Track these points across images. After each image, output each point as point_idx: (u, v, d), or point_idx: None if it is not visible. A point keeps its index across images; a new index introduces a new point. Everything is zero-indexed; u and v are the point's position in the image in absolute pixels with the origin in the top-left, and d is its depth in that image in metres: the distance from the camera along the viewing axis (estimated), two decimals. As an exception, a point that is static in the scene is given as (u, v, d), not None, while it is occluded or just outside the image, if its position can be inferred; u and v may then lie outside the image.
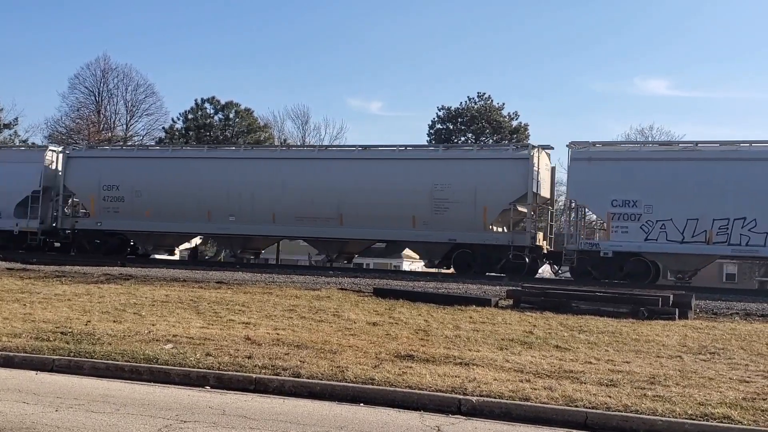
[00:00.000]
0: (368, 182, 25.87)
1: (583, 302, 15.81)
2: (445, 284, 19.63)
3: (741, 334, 13.34)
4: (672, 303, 15.54)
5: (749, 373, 10.37)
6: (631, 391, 9.17)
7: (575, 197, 24.70)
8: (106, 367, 10.42)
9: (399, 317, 14.43)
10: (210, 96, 62.16)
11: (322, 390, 9.41)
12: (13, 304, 15.46)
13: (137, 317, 14.02)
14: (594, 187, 23.37)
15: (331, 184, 26.28)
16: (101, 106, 60.48)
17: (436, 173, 25.14)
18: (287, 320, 13.93)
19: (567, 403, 8.69)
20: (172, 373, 10.11)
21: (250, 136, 59.59)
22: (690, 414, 8.27)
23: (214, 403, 8.81)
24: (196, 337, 12.04)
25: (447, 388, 9.17)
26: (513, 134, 62.50)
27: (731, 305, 16.79)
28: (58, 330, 12.41)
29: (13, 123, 58.42)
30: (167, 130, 60.96)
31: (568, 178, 25.32)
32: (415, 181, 25.27)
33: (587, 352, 11.61)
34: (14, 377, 10.02)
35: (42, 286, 18.16)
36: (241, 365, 10.20)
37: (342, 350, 11.20)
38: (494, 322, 14.05)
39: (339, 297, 16.89)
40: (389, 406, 8.93)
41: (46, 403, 8.56)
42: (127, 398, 8.93)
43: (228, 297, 16.57)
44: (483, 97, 65.88)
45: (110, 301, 15.85)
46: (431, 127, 65.98)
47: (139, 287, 18.13)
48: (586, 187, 23.72)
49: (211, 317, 14.17)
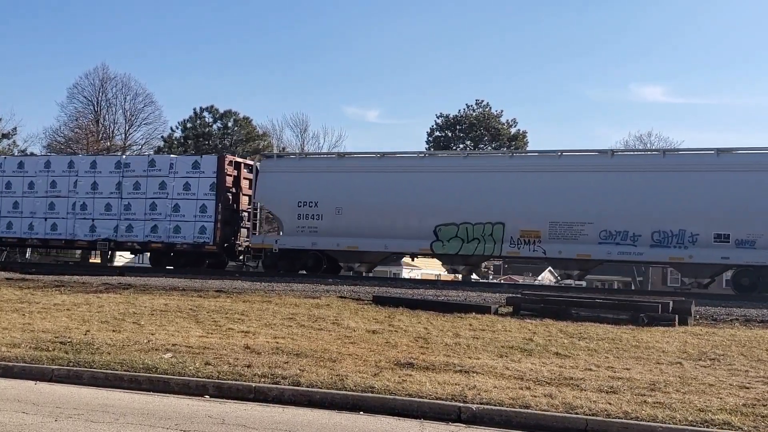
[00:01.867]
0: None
1: (582, 309, 15.79)
2: (444, 292, 19.62)
3: (741, 340, 13.33)
4: (672, 309, 15.53)
5: (749, 379, 10.36)
6: (631, 397, 9.16)
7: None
8: (106, 377, 10.41)
9: (399, 325, 14.41)
10: (208, 105, 62.38)
11: (321, 398, 9.39)
12: (12, 314, 15.44)
13: (136, 326, 14.01)
14: None
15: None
16: (100, 116, 60.44)
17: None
18: (286, 329, 13.92)
19: (567, 410, 8.68)
20: (171, 383, 10.10)
21: (249, 144, 59.65)
22: (690, 420, 8.26)
23: (213, 413, 8.80)
24: (196, 346, 12.03)
25: (447, 396, 9.16)
26: (511, 141, 62.58)
27: (731, 311, 16.77)
28: (57, 340, 12.39)
29: (11, 133, 58.38)
30: (166, 139, 61.02)
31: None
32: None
33: (587, 359, 11.60)
34: (13, 387, 10.01)
35: (41, 296, 18.14)
36: (240, 374, 10.19)
37: (341, 358, 11.19)
38: (494, 329, 14.04)
39: (338, 305, 16.87)
40: (389, 414, 8.92)
41: (45, 413, 8.55)
42: (126, 408, 8.91)
43: (227, 306, 16.55)
44: (481, 104, 66.01)
45: (109, 310, 15.83)
46: (430, 134, 66.07)
47: (138, 296, 18.11)
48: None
49: (210, 326, 14.15)
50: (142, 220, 27.29)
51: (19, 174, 29.15)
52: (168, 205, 26.93)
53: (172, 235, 26.80)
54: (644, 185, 22.68)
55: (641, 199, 22.51)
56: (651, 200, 22.41)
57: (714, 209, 21.86)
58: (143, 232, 27.29)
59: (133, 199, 27.42)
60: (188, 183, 26.69)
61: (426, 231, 24.30)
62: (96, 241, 28.09)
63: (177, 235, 26.71)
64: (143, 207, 27.25)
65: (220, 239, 26.44)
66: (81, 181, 28.19)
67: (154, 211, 27.10)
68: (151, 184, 27.18)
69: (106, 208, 27.75)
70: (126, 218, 27.47)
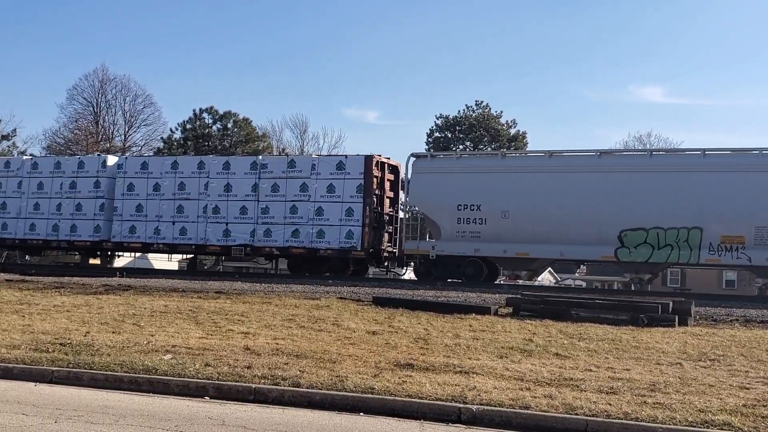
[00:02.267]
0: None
1: (582, 310, 15.80)
2: (444, 292, 19.61)
3: (741, 340, 13.33)
4: (671, 310, 15.53)
5: (749, 379, 10.36)
6: (631, 398, 9.17)
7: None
8: (105, 378, 10.41)
9: (398, 326, 14.41)
10: (208, 106, 62.37)
11: (321, 399, 9.39)
12: (12, 315, 15.44)
13: (136, 328, 14.01)
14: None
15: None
16: (99, 117, 60.57)
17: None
18: (286, 330, 13.92)
19: (567, 410, 8.68)
20: (171, 384, 10.09)
21: (248, 145, 59.68)
22: (690, 421, 8.26)
23: (213, 414, 8.80)
24: (195, 347, 12.03)
25: (447, 397, 9.16)
26: (511, 142, 62.60)
27: (731, 312, 16.77)
28: (57, 341, 12.39)
29: (11, 134, 58.49)
30: (165, 141, 61.06)
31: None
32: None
33: (587, 359, 11.60)
34: (13, 389, 10.01)
35: (41, 298, 18.14)
36: (240, 375, 10.19)
37: (341, 359, 11.19)
38: (494, 330, 14.04)
39: (338, 306, 16.87)
40: (389, 415, 8.92)
41: (45, 414, 8.55)
42: (126, 409, 8.91)
43: (227, 307, 16.56)
44: (481, 105, 66.07)
45: (109, 311, 15.83)
46: (429, 135, 66.11)
47: (138, 298, 18.11)
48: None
49: (210, 327, 14.15)
50: (281, 224, 25.83)
51: (143, 175, 27.75)
52: (310, 208, 25.48)
53: (315, 240, 25.37)
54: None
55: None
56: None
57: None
58: (283, 237, 25.80)
59: (271, 202, 25.98)
60: (332, 185, 25.25)
61: (608, 236, 22.53)
62: (230, 246, 26.50)
63: (320, 240, 25.32)
64: (282, 210, 25.84)
65: (367, 244, 25.02)
66: (213, 183, 26.82)
67: (294, 214, 25.70)
68: (291, 186, 25.78)
69: (242, 212, 26.33)
70: (264, 222, 26.05)
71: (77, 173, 28.73)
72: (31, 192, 29.25)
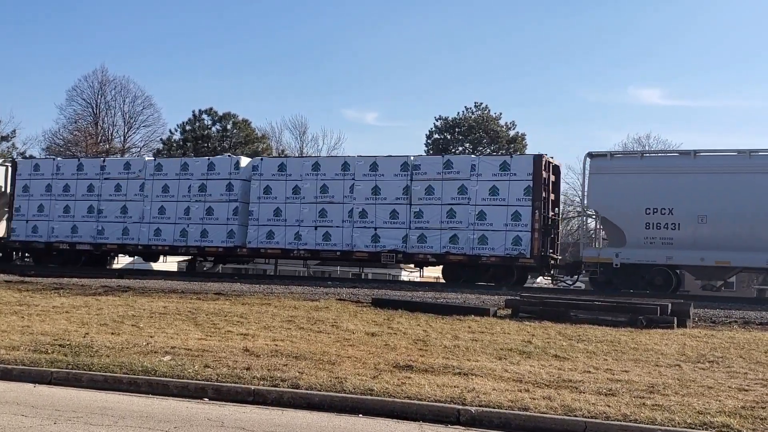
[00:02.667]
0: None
1: (581, 311, 15.81)
2: (443, 294, 19.63)
3: (740, 342, 13.35)
4: (670, 312, 15.55)
5: (748, 381, 10.37)
6: (630, 400, 9.17)
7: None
8: (105, 380, 10.41)
9: (398, 327, 14.42)
10: (208, 107, 62.31)
11: (320, 401, 9.40)
12: (11, 316, 15.44)
13: (135, 329, 14.01)
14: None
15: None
16: (99, 118, 60.56)
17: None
18: (286, 331, 13.93)
19: (566, 412, 8.69)
20: (170, 385, 10.10)
21: (248, 147, 59.68)
22: (689, 423, 8.27)
23: (212, 415, 8.80)
24: (195, 348, 12.03)
25: (446, 399, 9.17)
26: (510, 144, 62.62)
27: (730, 313, 16.80)
28: (56, 342, 12.39)
29: (10, 135, 58.47)
30: (165, 142, 61.06)
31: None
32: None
33: (586, 361, 11.61)
34: (12, 390, 10.00)
35: (40, 299, 18.15)
36: (239, 377, 10.20)
37: (341, 361, 11.19)
38: (493, 331, 14.05)
39: (337, 307, 16.89)
40: (388, 416, 8.93)
41: (44, 415, 8.55)
42: (125, 410, 8.92)
43: (226, 308, 16.56)
44: (480, 106, 66.06)
45: (108, 313, 15.83)
46: (429, 137, 66.10)
47: (137, 299, 18.12)
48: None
49: (209, 329, 14.15)
50: (437, 229, 24.21)
51: (281, 177, 26.26)
52: (470, 212, 23.83)
53: (476, 246, 23.68)
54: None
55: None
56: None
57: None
58: (439, 243, 24.18)
59: (425, 206, 24.41)
60: (495, 187, 23.57)
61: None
62: (380, 252, 24.89)
63: (483, 247, 23.61)
64: (438, 214, 24.22)
65: (537, 251, 23.28)
66: (358, 185, 25.23)
67: (452, 219, 24.08)
68: (448, 189, 24.15)
69: (392, 216, 24.79)
70: (417, 227, 24.47)
71: (207, 175, 27.17)
72: (155, 195, 27.66)
